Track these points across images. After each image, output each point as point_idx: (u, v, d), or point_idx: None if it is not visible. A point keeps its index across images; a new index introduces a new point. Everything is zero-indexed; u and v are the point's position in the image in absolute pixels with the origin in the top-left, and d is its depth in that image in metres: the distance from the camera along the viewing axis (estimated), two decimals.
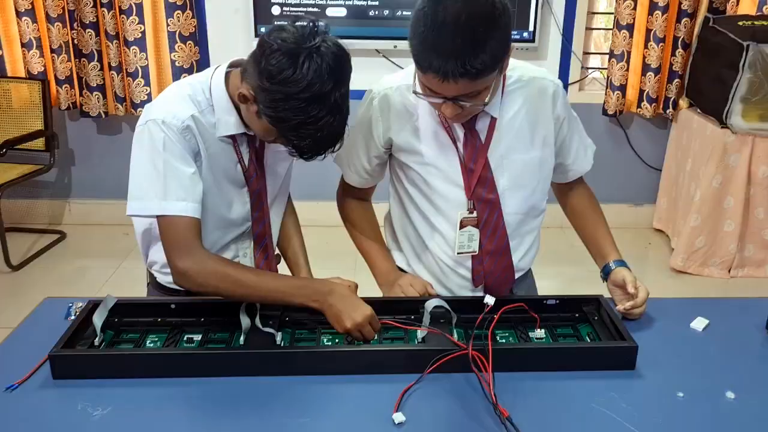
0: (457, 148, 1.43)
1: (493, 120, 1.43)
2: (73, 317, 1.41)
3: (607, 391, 1.24)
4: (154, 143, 1.33)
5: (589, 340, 1.39)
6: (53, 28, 3.56)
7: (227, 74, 1.41)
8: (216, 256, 1.38)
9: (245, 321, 1.33)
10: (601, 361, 1.30)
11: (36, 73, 3.67)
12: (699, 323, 1.47)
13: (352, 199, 1.69)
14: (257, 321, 1.34)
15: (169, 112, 1.35)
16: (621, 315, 1.45)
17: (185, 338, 1.37)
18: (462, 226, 1.47)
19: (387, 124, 1.48)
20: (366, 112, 1.50)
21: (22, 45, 3.62)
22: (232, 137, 1.43)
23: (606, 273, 1.55)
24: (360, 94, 4.00)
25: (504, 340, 1.39)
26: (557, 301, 1.47)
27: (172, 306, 1.42)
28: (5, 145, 3.39)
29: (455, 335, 1.33)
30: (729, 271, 3.48)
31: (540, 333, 1.40)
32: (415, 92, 1.30)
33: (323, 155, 1.34)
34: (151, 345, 1.36)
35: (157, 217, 1.34)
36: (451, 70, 1.17)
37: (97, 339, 1.33)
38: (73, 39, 3.62)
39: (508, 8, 1.21)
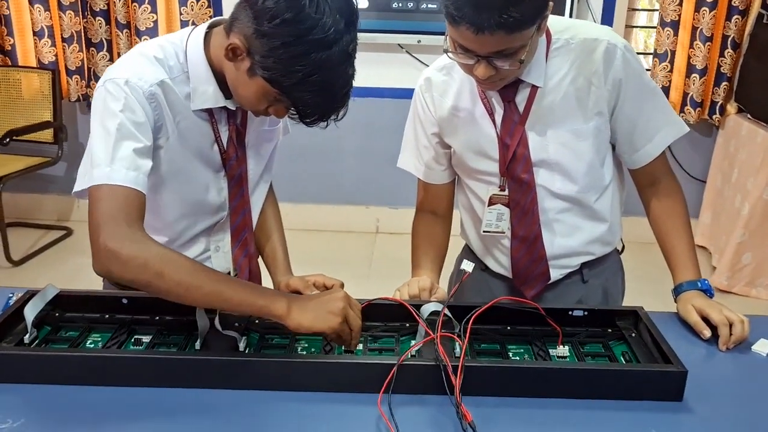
0: (494, 121, 1.31)
1: (534, 89, 1.28)
2: None
3: (646, 427, 0.99)
4: (110, 104, 1.10)
5: (623, 362, 1.13)
6: (65, 17, 3.43)
7: (206, 36, 1.19)
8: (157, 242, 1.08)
9: (203, 321, 1.11)
10: (639, 389, 1.04)
11: (47, 62, 3.54)
12: (763, 346, 1.20)
13: (422, 214, 1.52)
14: (216, 322, 1.11)
15: (135, 74, 1.12)
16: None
17: (133, 339, 1.15)
18: (491, 203, 1.36)
19: (432, 101, 1.39)
20: (414, 100, 1.43)
21: (34, 33, 3.50)
22: (209, 111, 1.21)
23: (675, 295, 1.34)
24: (371, 92, 3.79)
25: (518, 357, 1.14)
26: (585, 312, 1.21)
27: (124, 301, 1.20)
28: (9, 135, 3.25)
29: (457, 348, 1.09)
30: None
31: (563, 350, 1.14)
32: (445, 51, 1.19)
33: (328, 120, 1.11)
34: (92, 345, 1.14)
35: (94, 188, 1.07)
36: (486, 21, 1.08)
37: (27, 335, 1.11)
38: (84, 28, 3.48)
39: None
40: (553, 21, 1.25)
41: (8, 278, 3.24)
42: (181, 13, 3.41)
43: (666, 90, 3.45)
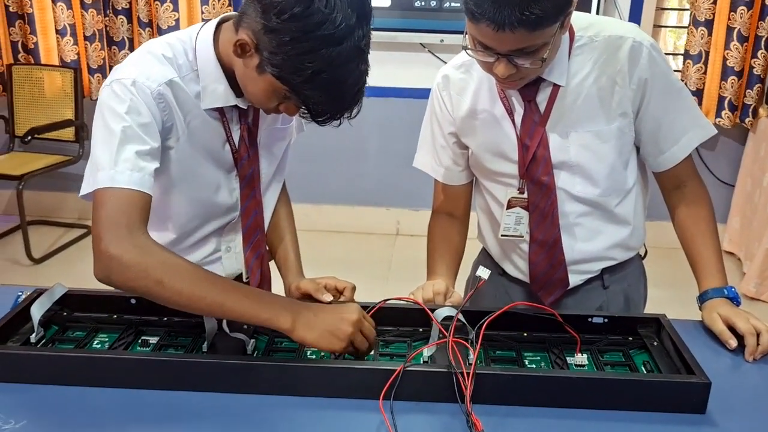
0: (513, 121, 1.27)
1: (556, 89, 1.24)
2: None
3: None
4: (116, 106, 1.07)
5: (644, 371, 1.09)
6: (87, 15, 3.45)
7: (216, 31, 1.16)
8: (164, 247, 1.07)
9: (210, 324, 1.08)
10: (661, 401, 0.99)
11: (69, 61, 3.56)
12: None
13: (438, 216, 1.47)
14: (224, 324, 1.08)
15: (143, 73, 1.09)
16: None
17: (140, 340, 1.13)
18: (510, 206, 1.32)
19: (449, 100, 1.36)
20: (431, 98, 1.39)
21: (57, 32, 3.52)
22: (220, 110, 1.18)
23: (700, 303, 1.29)
24: (392, 92, 3.75)
25: (534, 365, 1.10)
26: (605, 320, 1.17)
27: (132, 301, 1.19)
28: (31, 133, 3.28)
29: (470, 354, 1.05)
30: None
31: (581, 358, 1.10)
32: (464, 48, 1.16)
33: (341, 118, 1.07)
34: (98, 346, 1.12)
35: (98, 192, 1.04)
36: (507, 18, 1.04)
37: (33, 335, 1.10)
38: (106, 26, 3.50)
39: None
40: (576, 17, 1.21)
41: (29, 276, 3.26)
42: (202, 12, 3.41)
43: (699, 93, 3.35)
